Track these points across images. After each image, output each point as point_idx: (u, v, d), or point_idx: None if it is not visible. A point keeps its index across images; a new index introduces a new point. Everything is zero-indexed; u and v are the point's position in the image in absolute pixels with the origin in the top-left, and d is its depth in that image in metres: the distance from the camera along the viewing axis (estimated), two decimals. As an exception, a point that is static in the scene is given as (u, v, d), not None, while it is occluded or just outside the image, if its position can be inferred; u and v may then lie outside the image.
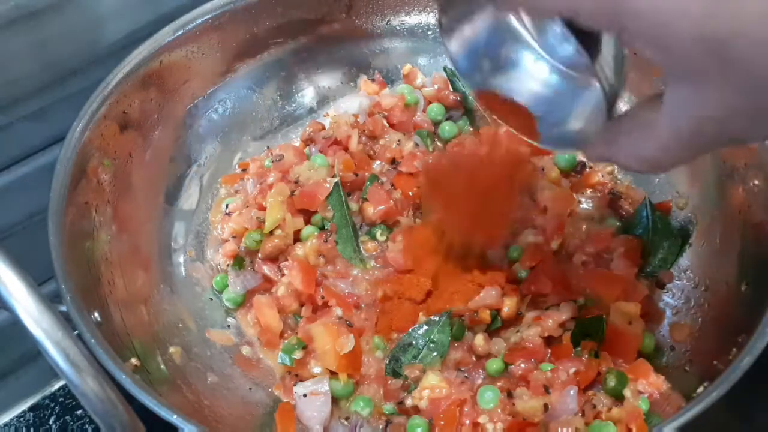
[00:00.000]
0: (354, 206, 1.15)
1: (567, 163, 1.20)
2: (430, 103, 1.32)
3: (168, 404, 0.81)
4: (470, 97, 1.30)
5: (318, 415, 0.97)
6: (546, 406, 0.91)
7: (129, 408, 0.67)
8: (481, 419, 0.92)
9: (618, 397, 0.92)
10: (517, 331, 1.01)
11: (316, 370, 1.01)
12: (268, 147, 1.30)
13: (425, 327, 1.02)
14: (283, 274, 1.08)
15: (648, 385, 0.95)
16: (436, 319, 1.03)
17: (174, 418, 0.80)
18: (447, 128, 1.28)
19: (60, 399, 1.13)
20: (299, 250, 1.10)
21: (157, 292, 1.09)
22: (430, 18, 1.37)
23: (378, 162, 1.22)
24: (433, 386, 0.97)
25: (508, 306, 1.01)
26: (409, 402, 0.96)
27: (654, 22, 0.56)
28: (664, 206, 1.15)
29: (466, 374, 1.01)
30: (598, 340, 0.98)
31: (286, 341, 1.04)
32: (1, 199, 1.21)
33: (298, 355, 1.01)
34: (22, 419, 1.11)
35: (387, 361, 1.02)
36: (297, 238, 1.12)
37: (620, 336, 0.98)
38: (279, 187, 1.14)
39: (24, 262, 0.66)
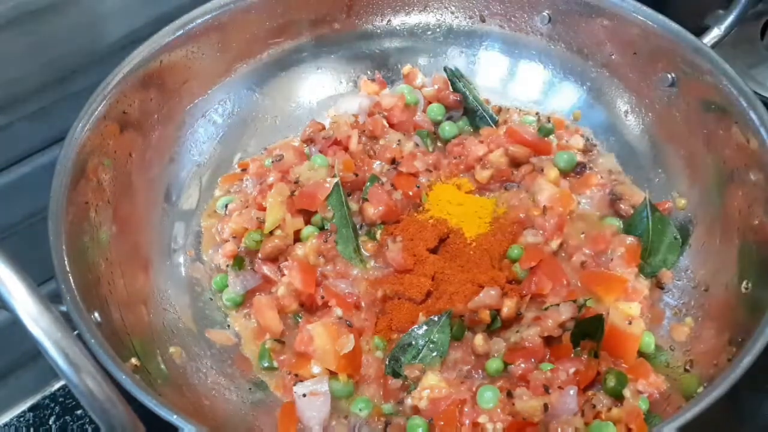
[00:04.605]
0: (354, 206, 1.15)
1: (566, 163, 1.20)
2: (430, 103, 1.32)
3: (168, 404, 0.81)
4: (470, 98, 1.30)
5: (318, 415, 0.97)
6: (546, 406, 0.91)
7: (129, 408, 0.67)
8: (481, 419, 0.92)
9: (618, 397, 0.92)
10: (517, 331, 1.01)
11: (316, 370, 1.01)
12: (266, 148, 1.30)
13: (425, 327, 1.02)
14: (283, 274, 1.08)
15: (648, 385, 0.95)
16: (436, 319, 1.03)
17: (174, 418, 0.80)
18: (447, 128, 1.28)
19: (60, 399, 1.13)
20: (299, 250, 1.10)
21: (157, 292, 1.09)
22: (430, 18, 1.37)
23: (378, 162, 1.22)
24: (432, 386, 0.97)
25: (508, 306, 1.01)
26: (408, 402, 0.96)
27: None
28: (664, 206, 1.15)
29: (466, 374, 1.01)
30: (597, 340, 0.98)
31: (260, 344, 1.05)
32: (1, 199, 1.21)
33: (273, 363, 1.03)
34: (22, 419, 1.11)
35: (387, 361, 1.02)
36: (297, 238, 1.12)
37: (620, 336, 0.98)
38: (279, 187, 1.14)
39: (24, 262, 0.66)
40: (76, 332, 0.83)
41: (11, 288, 0.64)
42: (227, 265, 1.14)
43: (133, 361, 0.91)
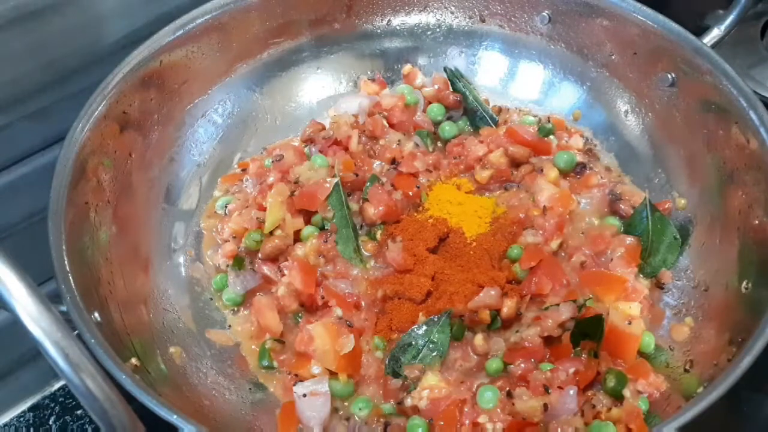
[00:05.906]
0: (354, 206, 1.15)
1: (566, 164, 1.20)
2: (430, 103, 1.32)
3: (168, 404, 0.81)
4: (470, 98, 1.30)
5: (318, 415, 0.97)
6: (546, 406, 0.91)
7: (129, 408, 0.67)
8: (481, 419, 0.92)
9: (618, 397, 0.92)
10: (517, 331, 1.01)
11: (316, 370, 1.01)
12: (266, 148, 1.30)
13: (425, 327, 1.02)
14: (283, 274, 1.08)
15: (648, 385, 0.95)
16: (436, 319, 1.03)
17: (174, 418, 0.80)
18: (447, 128, 1.28)
19: (60, 399, 1.13)
20: (299, 250, 1.10)
21: (157, 292, 1.09)
22: (430, 18, 1.37)
23: (378, 162, 1.22)
24: (432, 386, 0.97)
25: (508, 306, 1.01)
26: (408, 402, 0.96)
27: None
28: (664, 206, 1.15)
29: (466, 374, 1.01)
30: (597, 339, 0.98)
31: (260, 344, 1.05)
32: (1, 199, 1.21)
33: (273, 363, 1.03)
34: (22, 419, 1.11)
35: (387, 361, 1.02)
36: (297, 238, 1.12)
37: (620, 336, 0.98)
38: (279, 187, 1.14)
39: (24, 262, 0.66)
40: (76, 332, 0.83)
41: (11, 288, 0.64)
42: (227, 265, 1.14)
43: (133, 361, 0.91)
